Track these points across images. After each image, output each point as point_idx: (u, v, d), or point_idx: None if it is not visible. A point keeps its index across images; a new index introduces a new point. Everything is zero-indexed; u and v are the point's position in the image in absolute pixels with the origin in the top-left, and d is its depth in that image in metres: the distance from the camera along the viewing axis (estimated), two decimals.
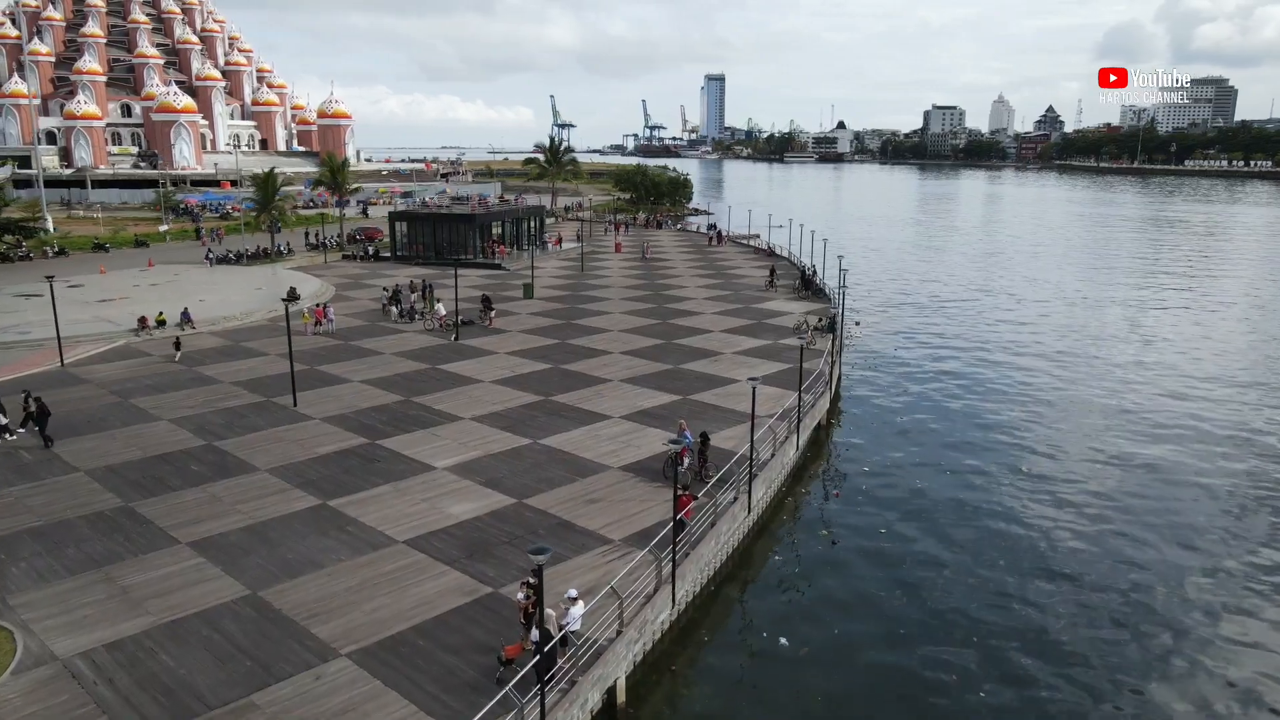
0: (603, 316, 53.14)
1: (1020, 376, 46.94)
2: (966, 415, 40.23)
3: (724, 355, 43.56)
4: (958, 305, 67.89)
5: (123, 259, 74.89)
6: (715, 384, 38.26)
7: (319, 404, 35.07)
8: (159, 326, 47.54)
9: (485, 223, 77.81)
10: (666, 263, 78.04)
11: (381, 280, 65.41)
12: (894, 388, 44.73)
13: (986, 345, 54.29)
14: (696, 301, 58.16)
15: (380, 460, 28.92)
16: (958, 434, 37.52)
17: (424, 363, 41.91)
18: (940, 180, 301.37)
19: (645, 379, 39.06)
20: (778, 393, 36.46)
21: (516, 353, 43.89)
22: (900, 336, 56.81)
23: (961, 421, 39.29)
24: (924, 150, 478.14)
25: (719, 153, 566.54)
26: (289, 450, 29.75)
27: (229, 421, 32.80)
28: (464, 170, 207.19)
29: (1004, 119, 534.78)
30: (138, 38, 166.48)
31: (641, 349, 44.80)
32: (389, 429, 32.07)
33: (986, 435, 37.44)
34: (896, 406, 41.52)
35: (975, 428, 38.40)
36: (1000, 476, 32.77)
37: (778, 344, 45.95)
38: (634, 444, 30.67)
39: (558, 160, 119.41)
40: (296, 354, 43.01)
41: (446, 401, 35.60)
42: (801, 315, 51.10)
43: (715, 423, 32.83)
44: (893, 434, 37.54)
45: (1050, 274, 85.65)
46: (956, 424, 38.94)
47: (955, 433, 37.71)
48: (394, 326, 50.23)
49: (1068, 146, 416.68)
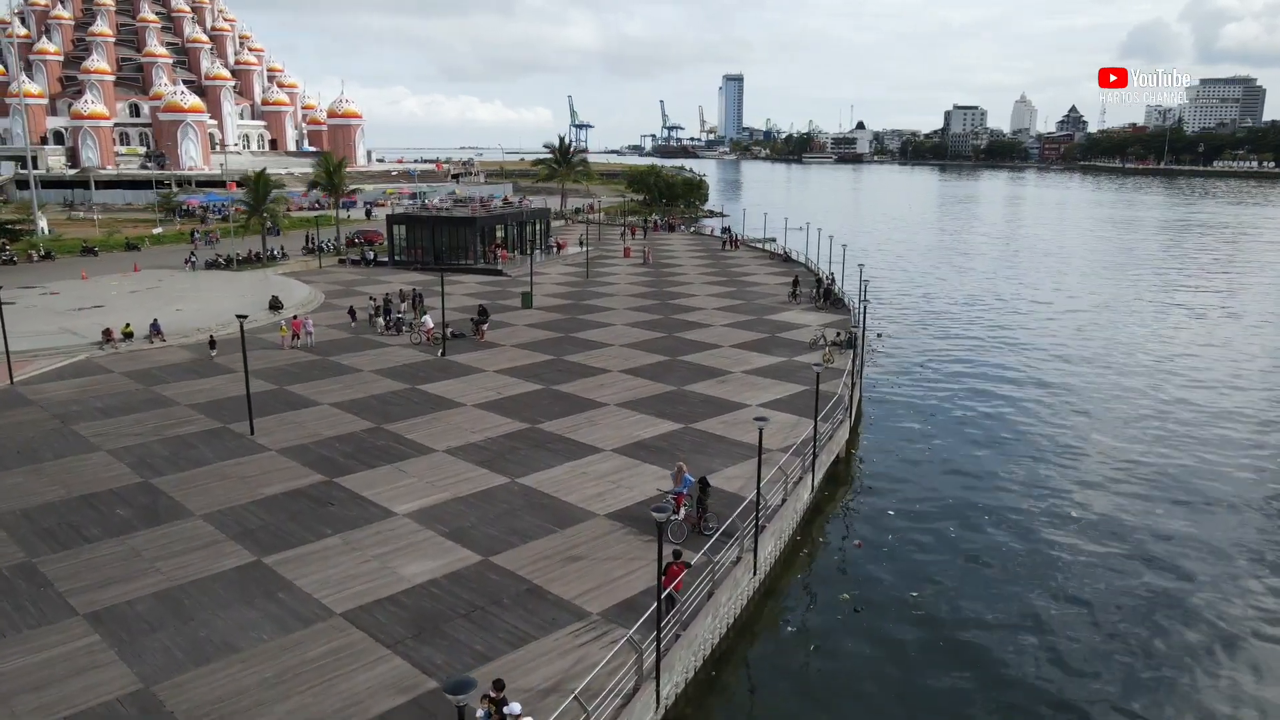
0: (604, 329, 49.41)
1: (1056, 397, 42.78)
2: (1001, 442, 36.18)
3: (733, 375, 39.72)
4: (984, 315, 63.66)
5: (110, 263, 71.89)
6: (722, 409, 34.43)
7: (279, 431, 31.52)
8: (125, 339, 44.22)
9: (487, 226, 74.26)
10: (677, 268, 74.24)
11: (374, 287, 61.95)
12: (918, 410, 40.72)
13: (1017, 360, 50.12)
14: (706, 312, 54.31)
15: (334, 504, 25.29)
16: (993, 465, 33.50)
17: (404, 382, 38.32)
18: (961, 181, 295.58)
19: (644, 403, 35.28)
20: (791, 421, 32.59)
21: (506, 371, 40.22)
22: (924, 350, 52.72)
23: (996, 450, 35.24)
24: (944, 151, 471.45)
25: (737, 153, 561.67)
26: (232, 491, 26.18)
27: (174, 453, 29.29)
28: (476, 171, 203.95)
29: (1026, 119, 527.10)
30: (147, 36, 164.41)
31: (643, 367, 41.03)
32: (351, 463, 28.46)
33: (1025, 468, 33.37)
34: (922, 433, 37.52)
35: (1012, 458, 34.33)
36: (1045, 520, 28.74)
37: (792, 362, 42.06)
38: (626, 484, 26.90)
39: (567, 161, 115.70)
40: (268, 370, 39.73)
41: (421, 429, 31.96)
42: (819, 330, 47.16)
43: (720, 458, 29.04)
44: (920, 466, 33.56)
45: (1081, 280, 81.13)
46: (990, 453, 34.90)
47: (990, 464, 33.68)
48: (378, 340, 46.70)
49: (1092, 147, 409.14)
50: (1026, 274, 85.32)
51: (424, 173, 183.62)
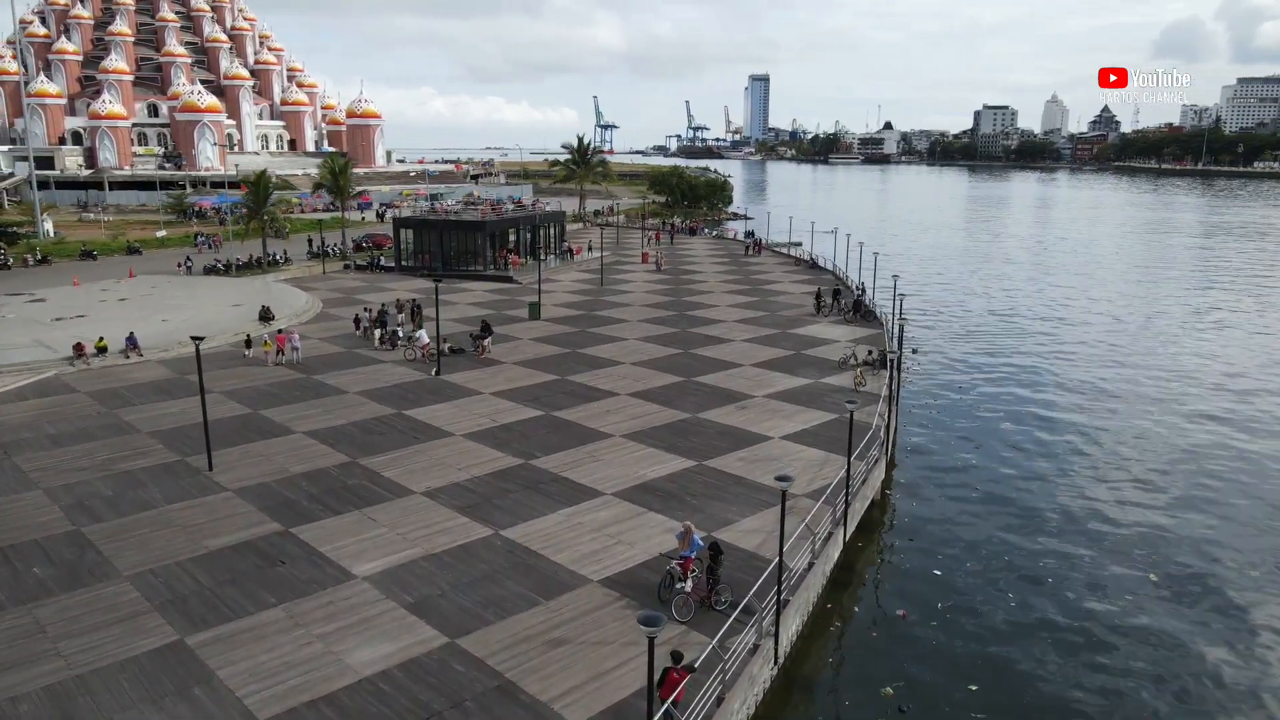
0: (615, 344, 45.68)
1: (1110, 421, 38.54)
2: (1058, 478, 32.06)
3: (754, 399, 35.84)
4: (1024, 327, 59.28)
5: (108, 267, 69.17)
6: (740, 441, 30.58)
7: (241, 466, 28.08)
8: (99, 354, 41.07)
9: (497, 230, 70.79)
10: (697, 275, 70.37)
11: (377, 295, 58.65)
12: (960, 439, 36.65)
13: (1066, 377, 45.86)
14: (726, 326, 50.43)
15: (285, 562, 21.75)
16: (1051, 507, 29.42)
17: (390, 406, 34.80)
18: (992, 182, 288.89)
19: (654, 434, 31.51)
20: (818, 458, 28.67)
21: (504, 393, 36.60)
22: (962, 367, 48.58)
23: (1053, 488, 31.14)
24: (974, 151, 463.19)
25: (762, 154, 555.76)
26: (172, 543, 22.72)
27: (118, 494, 25.91)
28: (496, 171, 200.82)
29: (1057, 119, 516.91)
30: (166, 36, 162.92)
31: (654, 389, 37.26)
32: (315, 509, 24.92)
33: (1087, 508, 29.27)
34: (966, 468, 33.47)
35: (1073, 497, 30.23)
36: (1118, 576, 24.68)
37: (819, 384, 38.11)
38: (626, 538, 23.16)
39: (586, 161, 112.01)
40: (244, 391, 36.41)
41: (401, 465, 28.41)
42: (849, 348, 43.15)
43: (736, 504, 25.21)
44: (966, 510, 29.55)
45: (1124, 289, 76.35)
46: (1047, 491, 30.81)
47: (1047, 505, 29.61)
48: (370, 355, 43.24)
49: (1127, 147, 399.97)
50: (1065, 281, 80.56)
51: (442, 173, 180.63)
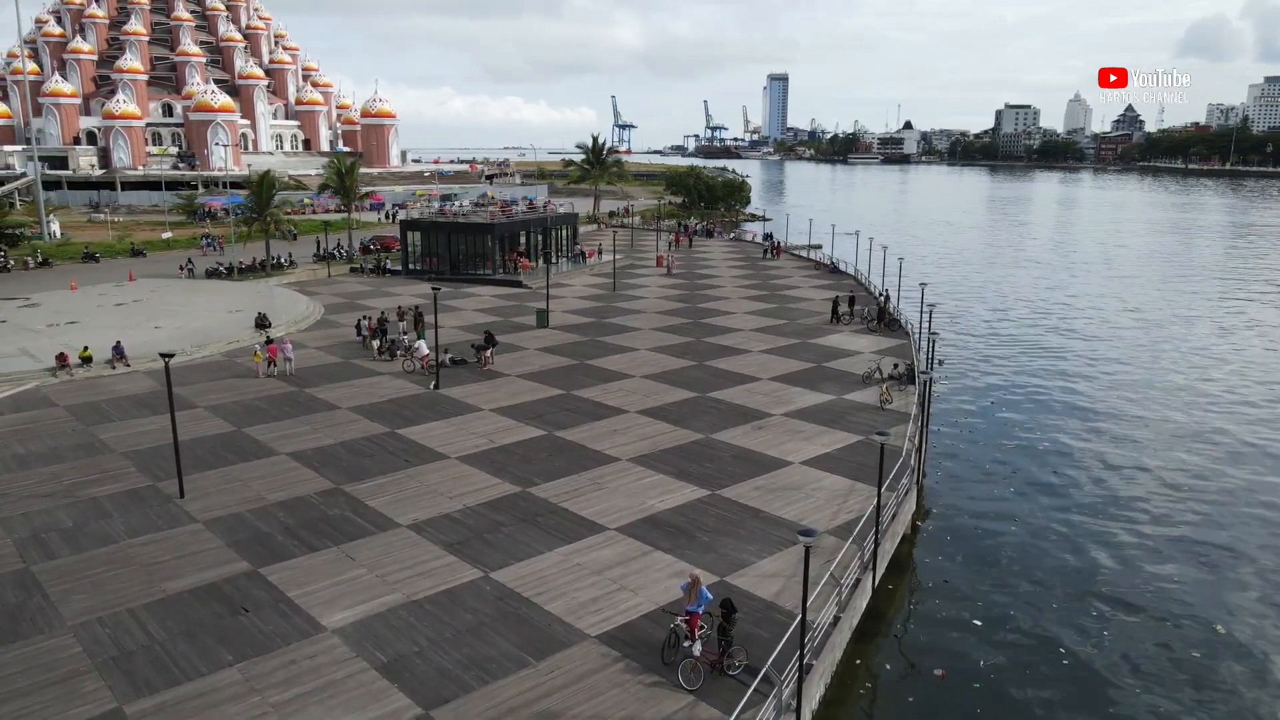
0: (625, 355, 43.33)
1: (1154, 440, 35.83)
2: (1107, 505, 29.44)
3: (772, 418, 33.39)
4: (1056, 333, 56.45)
5: (110, 270, 67.51)
6: (758, 467, 28.16)
7: (216, 493, 25.94)
8: (83, 365, 39.15)
9: (507, 233, 68.59)
10: (713, 280, 67.90)
11: (381, 300, 56.63)
12: (994, 460, 34.07)
13: (1102, 391, 43.12)
14: (743, 335, 47.97)
15: (249, 610, 19.55)
16: (1099, 540, 26.84)
17: (383, 424, 32.61)
18: (1014, 183, 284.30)
19: (663, 458, 29.14)
20: (842, 487, 26.21)
21: (505, 409, 34.33)
22: (991, 379, 45.93)
23: (1101, 518, 28.53)
24: (995, 151, 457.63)
25: (781, 154, 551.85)
26: (128, 585, 20.58)
27: (79, 525, 23.82)
28: (511, 171, 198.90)
29: (1080, 119, 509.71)
30: (181, 35, 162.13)
31: (666, 406, 34.88)
32: (290, 545, 22.73)
33: (1142, 541, 26.67)
34: (1002, 496, 30.90)
35: (1125, 528, 27.63)
36: (1184, 623, 22.12)
37: (842, 401, 35.60)
38: (629, 583, 20.81)
39: (601, 162, 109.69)
40: (230, 406, 34.32)
41: (388, 492, 26.18)
42: (873, 361, 40.58)
43: (753, 543, 22.81)
44: (1006, 546, 27.00)
45: (1159, 294, 73.25)
46: (1094, 523, 28.21)
47: (1095, 537, 27.03)
48: (368, 366, 41.07)
49: (1152, 147, 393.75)
50: (1097, 286, 77.52)
51: (456, 174, 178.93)
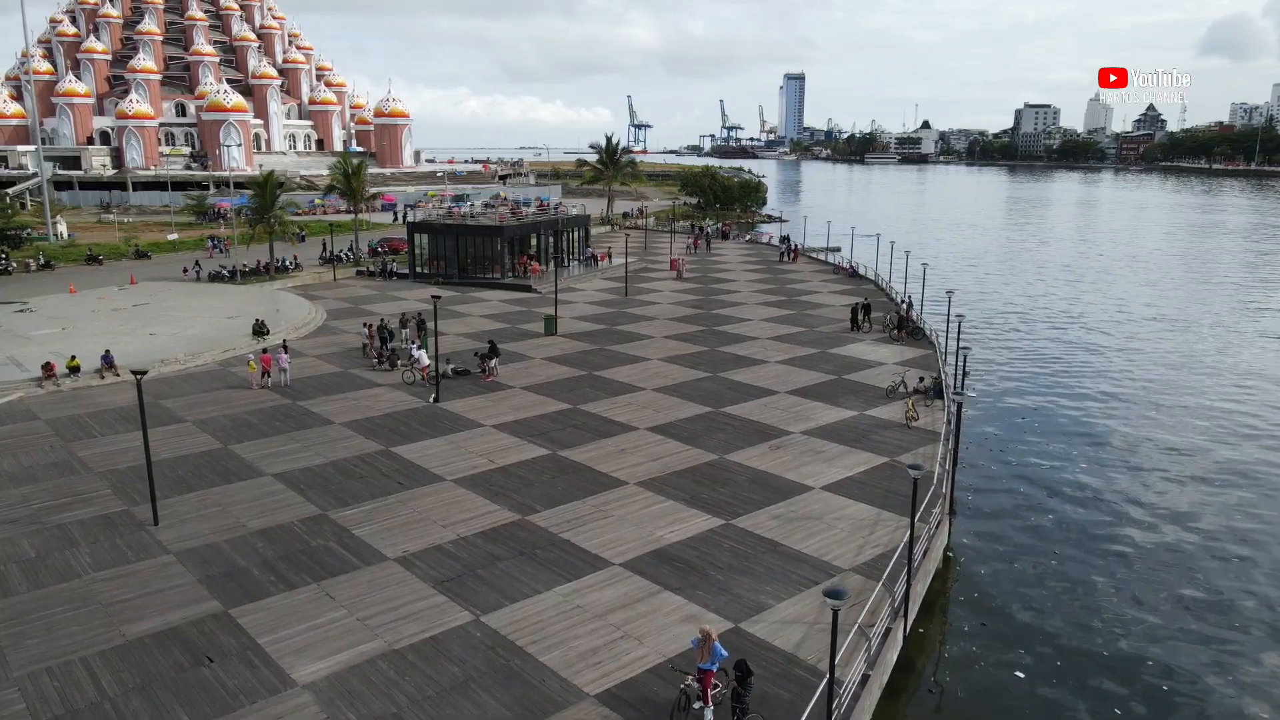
0: (636, 365, 41.37)
1: (1202, 457, 33.55)
2: (1153, 532, 27.25)
3: (791, 437, 31.34)
4: (1088, 341, 54.05)
5: (112, 273, 66.23)
6: (776, 493, 26.14)
7: (192, 520, 24.17)
8: (70, 375, 37.56)
9: (517, 235, 66.77)
10: (728, 284, 65.82)
11: (386, 305, 54.96)
12: (1029, 483, 31.89)
13: (1140, 402, 40.81)
14: (760, 344, 45.90)
15: (214, 660, 17.72)
16: (1146, 572, 24.68)
17: (378, 440, 30.78)
18: (1034, 183, 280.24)
19: (674, 481, 27.15)
20: (868, 517, 24.15)
21: (508, 425, 32.45)
22: (1019, 390, 43.67)
23: (1146, 548, 26.35)
24: (1014, 151, 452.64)
25: (797, 154, 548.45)
26: (85, 629, 18.79)
27: (41, 556, 22.09)
28: (525, 171, 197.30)
29: (1101, 118, 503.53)
30: (194, 35, 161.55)
31: (678, 422, 32.90)
32: (266, 580, 20.90)
33: (1195, 577, 24.49)
34: (1039, 524, 28.74)
35: (1175, 559, 25.45)
36: (1252, 667, 19.98)
37: (865, 417, 33.50)
38: (634, 630, 18.87)
39: (614, 162, 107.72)
40: (219, 421, 32.58)
41: (378, 519, 24.33)
42: (898, 373, 38.44)
43: (771, 582, 20.80)
44: (1049, 580, 24.87)
45: (1194, 300, 70.61)
46: (1139, 552, 26.04)
47: (1141, 568, 24.86)
48: (366, 377, 39.26)
49: (1175, 146, 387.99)
50: (1128, 290, 74.90)
51: (469, 174, 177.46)
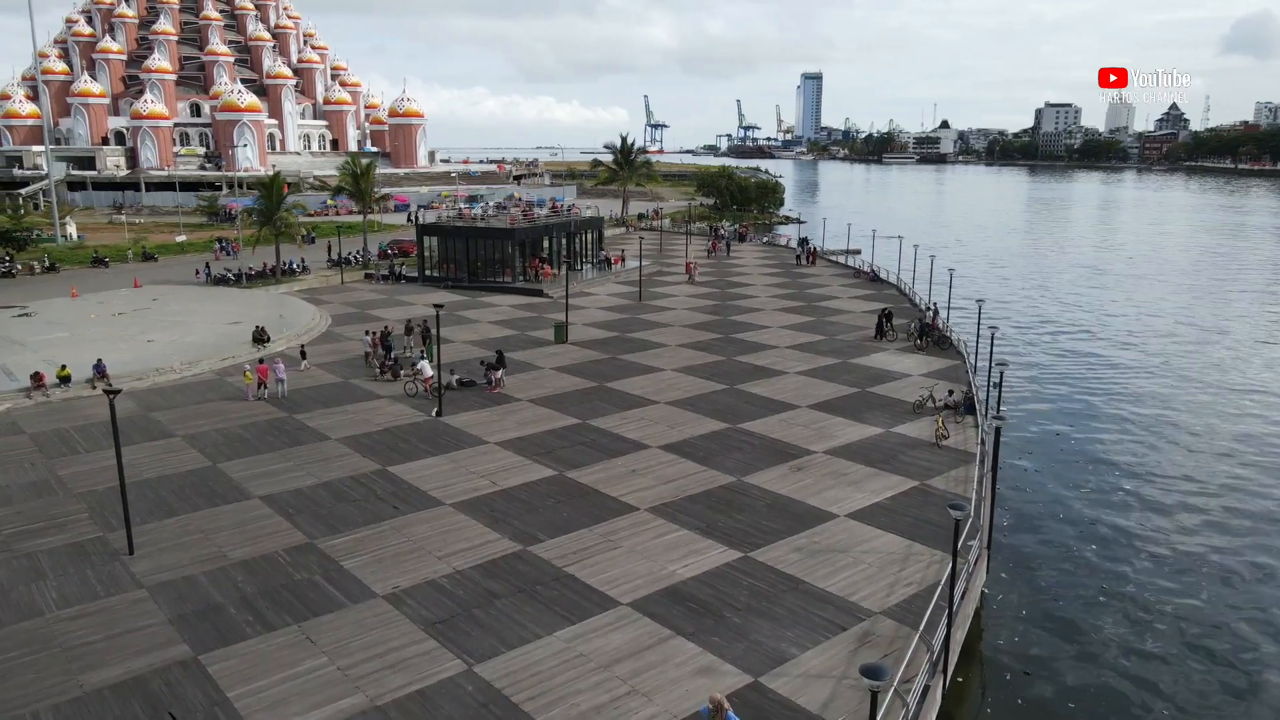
0: (649, 377, 39.53)
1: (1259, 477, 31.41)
2: (1200, 564, 25.20)
3: (814, 457, 29.41)
4: (1126, 350, 51.80)
5: (118, 276, 65.07)
6: (796, 521, 24.24)
7: (171, 549, 22.54)
8: (61, 385, 36.12)
9: (528, 238, 65.08)
10: (745, 289, 63.86)
11: (392, 310, 53.41)
12: (1066, 505, 29.85)
13: (1183, 416, 38.64)
14: (779, 353, 43.97)
15: (175, 717, 16.03)
16: (1203, 608, 22.64)
17: (375, 458, 29.10)
18: (1055, 183, 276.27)
19: (688, 507, 25.30)
20: (898, 550, 22.21)
21: (513, 443, 30.69)
22: (1054, 403, 41.55)
23: (1200, 578, 24.31)
24: (1035, 151, 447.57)
25: (814, 154, 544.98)
26: (41, 677, 17.11)
27: (4, 590, 20.45)
28: (540, 171, 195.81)
29: (1123, 117, 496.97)
30: (209, 35, 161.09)
31: (693, 440, 31.04)
32: (243, 619, 19.21)
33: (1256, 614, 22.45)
34: (1081, 555, 26.72)
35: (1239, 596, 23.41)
36: None
37: (891, 435, 31.53)
38: (642, 685, 17.02)
39: (629, 162, 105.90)
40: (210, 436, 30.97)
41: (368, 548, 22.61)
42: (925, 387, 36.41)
43: (793, 626, 18.92)
44: (1101, 626, 22.88)
45: (1236, 305, 68.09)
46: (1192, 585, 24.00)
47: (1199, 607, 22.83)
48: (367, 388, 37.61)
49: (1199, 146, 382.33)
50: (1166, 296, 72.42)
51: (484, 174, 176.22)
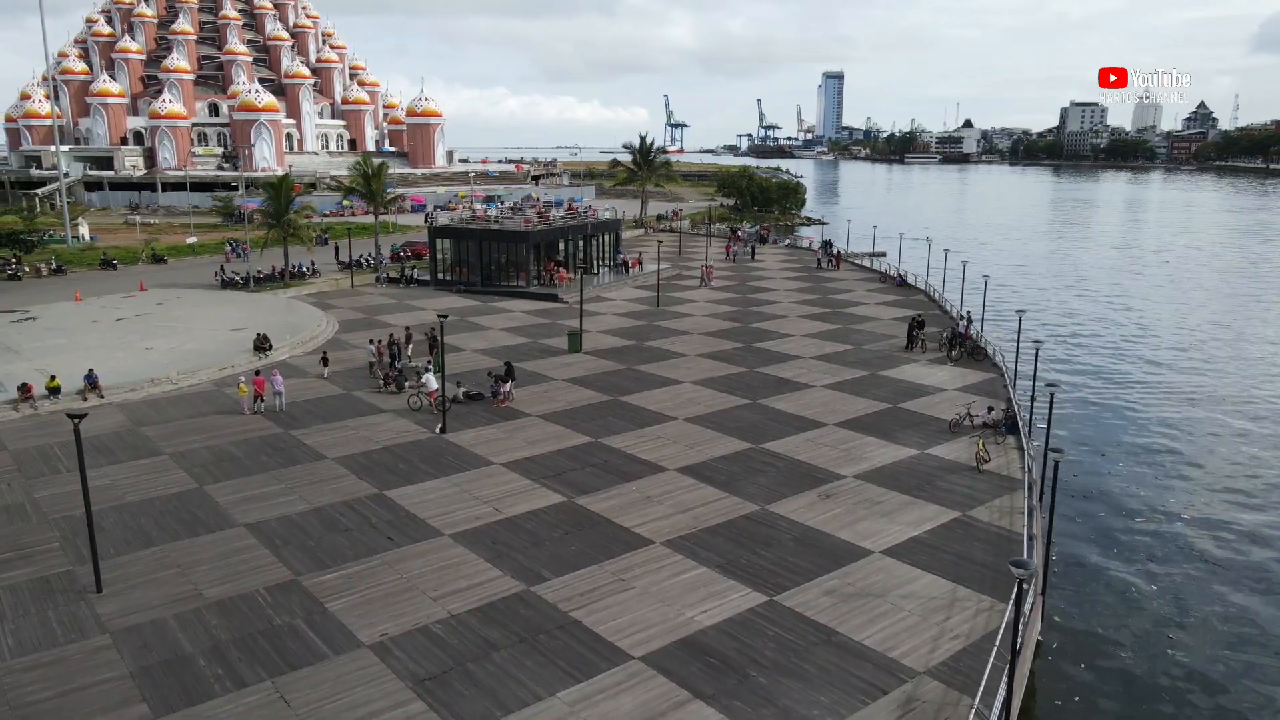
0: (667, 390, 37.38)
1: None
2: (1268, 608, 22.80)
3: (844, 482, 27.20)
4: (1175, 362, 49.13)
5: (127, 279, 63.61)
6: (827, 558, 22.05)
7: (142, 586, 20.65)
8: (50, 396, 34.48)
9: (543, 241, 63.11)
10: (767, 294, 61.59)
11: (402, 316, 51.59)
12: (1117, 542, 27.47)
13: (1240, 438, 36.07)
14: (803, 364, 41.71)
15: None
16: None
17: (372, 481, 27.16)
18: (1082, 183, 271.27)
19: (708, 540, 23.15)
20: (943, 594, 19.98)
21: (520, 463, 28.67)
22: (1097, 420, 39.04)
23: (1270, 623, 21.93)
24: (1060, 150, 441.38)
25: (835, 153, 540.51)
26: None
27: None
28: (559, 171, 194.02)
29: (1150, 116, 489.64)
30: (228, 34, 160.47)
31: (713, 461, 28.91)
32: (212, 673, 17.25)
33: None
34: (1138, 601, 24.36)
35: None
36: None
37: (927, 457, 29.25)
38: None
39: (648, 162, 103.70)
40: (200, 453, 29.06)
41: (357, 587, 20.63)
42: (963, 404, 34.06)
43: (826, 686, 16.75)
44: (1158, 674, 20.57)
45: None
46: (1265, 636, 21.62)
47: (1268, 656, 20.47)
48: (370, 401, 35.73)
49: (1229, 145, 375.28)
50: (1206, 303, 69.44)
51: (502, 174, 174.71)
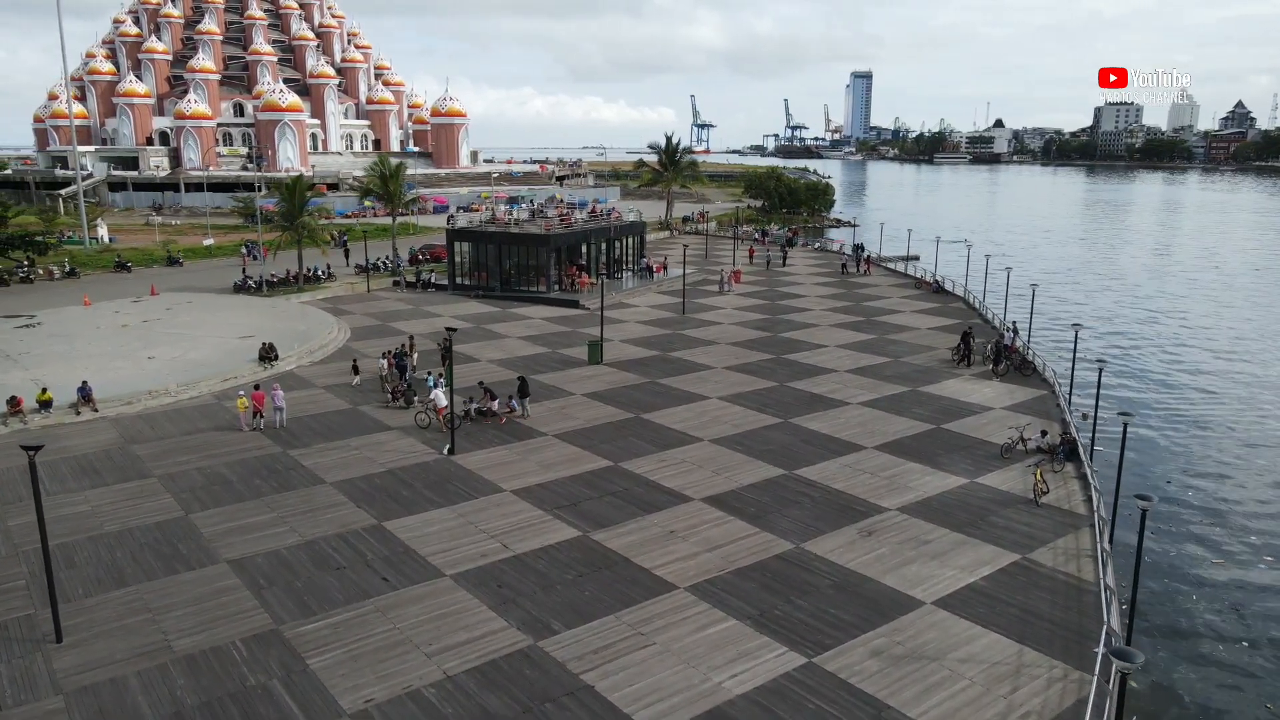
0: (692, 406, 35.00)
1: None
2: None
3: (886, 515, 24.70)
4: (1241, 376, 46.01)
5: (140, 282, 62.23)
6: (873, 610, 19.59)
7: (106, 636, 18.59)
8: (40, 410, 32.72)
9: (564, 244, 60.93)
10: (797, 300, 59.00)
11: (416, 323, 49.58)
12: (1198, 588, 24.73)
13: None
14: (837, 378, 39.17)
15: None
16: None
17: (371, 511, 25.01)
18: (1119, 184, 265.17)
19: (738, 585, 20.74)
20: (1008, 656, 17.47)
21: (532, 490, 26.42)
22: (1163, 442, 36.11)
23: None
24: (1093, 150, 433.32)
25: (863, 154, 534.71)
26: None
27: None
28: (584, 172, 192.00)
29: (1186, 116, 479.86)
30: (254, 34, 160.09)
31: (742, 489, 26.50)
32: None
33: None
34: (1238, 668, 21.66)
35: None
36: None
37: (977, 487, 26.66)
38: None
39: (674, 162, 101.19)
40: (188, 475, 26.54)
41: (344, 641, 18.46)
42: (1016, 428, 31.37)
43: None
44: None
45: None
46: None
47: None
48: (376, 418, 33.65)
49: (1269, 145, 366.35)
50: (1266, 312, 65.93)
51: (526, 174, 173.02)
